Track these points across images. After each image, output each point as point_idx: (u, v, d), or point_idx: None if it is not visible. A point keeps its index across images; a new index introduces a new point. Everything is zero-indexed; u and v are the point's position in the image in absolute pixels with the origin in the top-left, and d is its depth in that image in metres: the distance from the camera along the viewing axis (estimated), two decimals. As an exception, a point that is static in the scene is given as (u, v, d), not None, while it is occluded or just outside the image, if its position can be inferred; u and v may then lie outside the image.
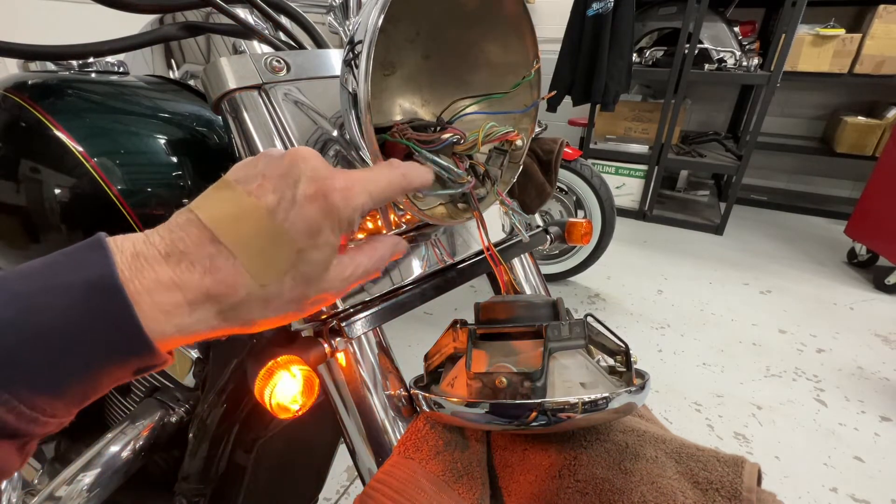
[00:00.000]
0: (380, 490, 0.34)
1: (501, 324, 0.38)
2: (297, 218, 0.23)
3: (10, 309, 0.18)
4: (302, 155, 0.24)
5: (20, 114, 0.41)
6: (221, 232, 0.22)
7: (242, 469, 0.53)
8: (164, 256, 0.21)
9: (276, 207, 0.23)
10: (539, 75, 0.40)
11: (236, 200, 0.23)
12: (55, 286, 0.19)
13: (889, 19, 2.40)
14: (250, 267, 0.22)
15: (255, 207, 0.23)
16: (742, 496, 0.31)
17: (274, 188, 0.23)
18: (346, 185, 0.24)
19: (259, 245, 0.22)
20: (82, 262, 0.19)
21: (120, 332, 0.19)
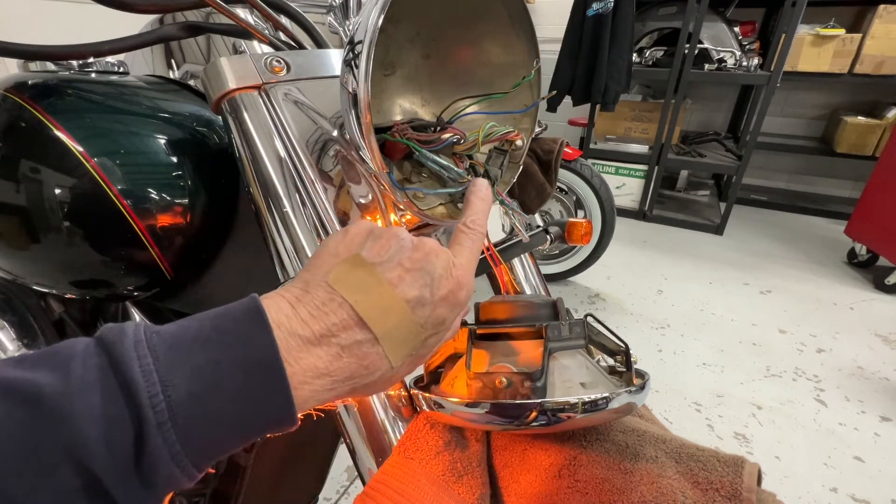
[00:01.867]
0: (380, 490, 0.34)
1: (501, 324, 0.38)
2: (432, 315, 0.26)
3: (194, 383, 0.20)
4: (434, 249, 0.27)
5: (20, 114, 0.41)
6: (373, 323, 0.24)
7: (242, 469, 0.53)
8: (317, 339, 0.23)
9: (417, 305, 0.25)
10: (539, 75, 0.40)
11: (380, 290, 0.25)
12: (227, 360, 0.20)
13: (889, 19, 2.39)
14: (390, 353, 0.25)
15: (400, 302, 0.25)
16: (742, 496, 0.31)
17: (412, 282, 0.25)
18: (468, 280, 0.28)
19: (400, 335, 0.25)
20: (248, 336, 0.21)
21: (276, 410, 0.21)
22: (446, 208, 0.40)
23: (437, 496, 0.34)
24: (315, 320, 0.23)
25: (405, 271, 0.26)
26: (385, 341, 0.25)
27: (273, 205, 0.39)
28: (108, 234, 0.42)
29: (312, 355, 0.23)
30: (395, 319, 0.25)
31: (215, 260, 0.50)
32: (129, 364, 0.19)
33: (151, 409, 0.18)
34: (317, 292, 0.24)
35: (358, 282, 0.25)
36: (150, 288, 0.50)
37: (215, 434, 0.20)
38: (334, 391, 0.24)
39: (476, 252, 0.30)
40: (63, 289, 0.48)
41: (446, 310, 0.26)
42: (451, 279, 0.27)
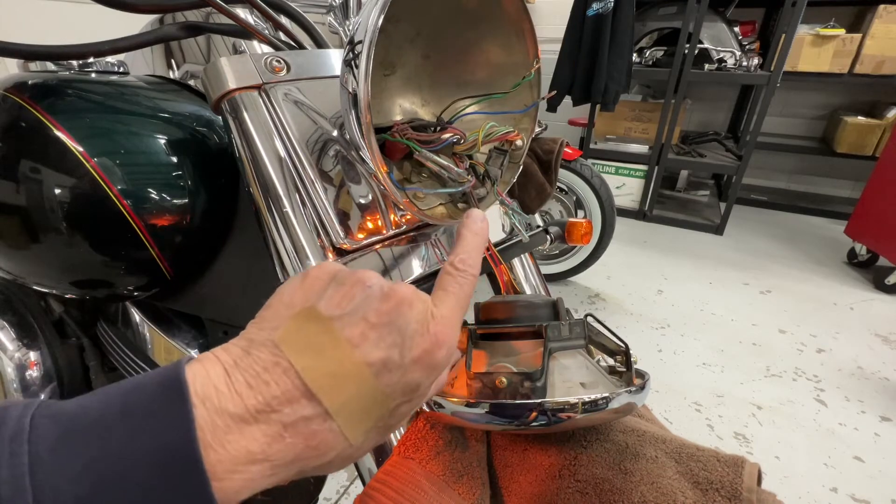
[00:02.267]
0: (380, 490, 0.34)
1: (501, 324, 0.38)
2: (402, 380, 0.21)
3: (83, 484, 0.16)
4: (407, 299, 0.22)
5: (20, 114, 0.41)
6: (324, 394, 0.20)
7: (242, 469, 0.53)
8: (253, 416, 0.19)
9: (383, 370, 0.21)
10: (539, 75, 0.40)
11: (336, 352, 0.20)
12: (129, 454, 0.17)
13: (889, 19, 2.39)
14: (347, 430, 0.20)
15: (360, 366, 0.20)
16: (742, 496, 0.31)
17: (377, 341, 0.21)
18: (449, 337, 0.23)
19: (359, 407, 0.21)
20: (160, 420, 0.18)
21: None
22: (446, 208, 0.40)
23: (437, 496, 0.34)
24: (252, 392, 0.19)
25: (370, 327, 0.21)
26: (340, 416, 0.20)
27: (273, 205, 0.39)
28: (108, 234, 0.42)
29: (245, 437, 0.18)
30: (352, 389, 0.20)
31: (215, 260, 0.50)
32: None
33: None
34: (259, 354, 0.20)
35: (310, 341, 0.20)
36: (149, 288, 0.50)
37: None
38: (276, 476, 0.20)
39: (464, 300, 0.25)
40: (63, 289, 0.48)
41: (420, 374, 0.22)
42: (428, 336, 0.22)
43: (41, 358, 0.62)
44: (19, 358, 0.61)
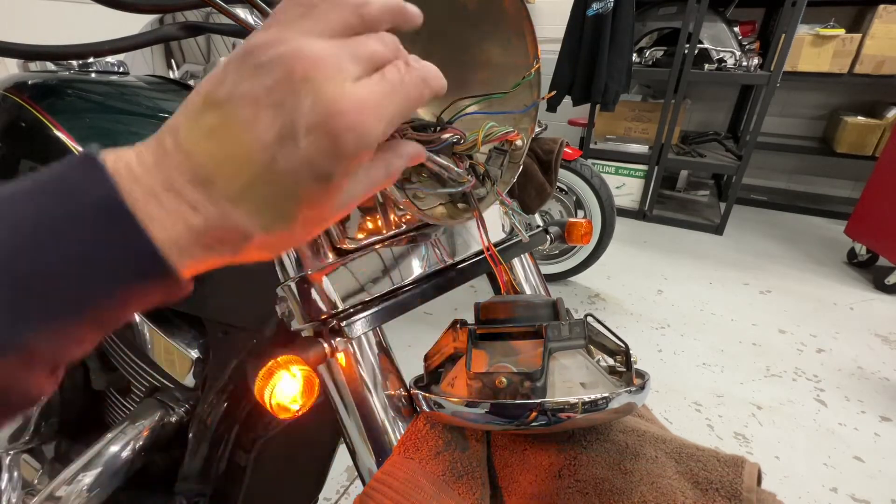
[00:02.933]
0: (380, 490, 0.34)
1: (501, 324, 0.38)
2: (303, 168, 0.20)
3: (18, 236, 0.17)
4: (308, 62, 0.19)
5: (20, 114, 0.41)
6: (219, 176, 0.20)
7: (242, 469, 0.53)
8: (163, 189, 0.19)
9: (277, 153, 0.19)
10: (539, 75, 0.40)
11: (228, 134, 0.19)
12: (60, 211, 0.18)
13: (889, 19, 2.40)
14: (257, 216, 0.21)
15: (253, 150, 0.19)
16: (742, 496, 0.31)
17: (271, 120, 0.19)
18: (357, 116, 0.19)
19: (262, 194, 0.20)
20: (81, 183, 0.18)
21: (137, 255, 0.19)
22: (446, 208, 0.40)
23: (437, 496, 0.34)
24: (157, 169, 0.19)
25: (260, 105, 0.19)
26: (244, 202, 0.20)
27: (273, 205, 0.39)
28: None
29: (163, 206, 0.19)
30: (248, 175, 0.20)
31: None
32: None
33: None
34: (165, 138, 0.20)
35: (205, 126, 0.20)
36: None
37: (66, 296, 0.17)
38: (208, 247, 0.20)
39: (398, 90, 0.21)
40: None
41: (322, 158, 0.20)
42: (325, 112, 0.19)
43: (41, 358, 0.62)
44: (19, 358, 0.61)
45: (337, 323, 0.37)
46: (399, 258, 0.42)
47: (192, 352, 0.53)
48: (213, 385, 0.50)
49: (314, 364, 0.35)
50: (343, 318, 0.37)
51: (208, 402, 0.50)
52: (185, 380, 0.54)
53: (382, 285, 0.41)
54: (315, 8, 0.20)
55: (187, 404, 0.54)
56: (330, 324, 0.37)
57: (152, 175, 0.19)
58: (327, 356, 0.36)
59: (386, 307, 0.40)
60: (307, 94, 0.19)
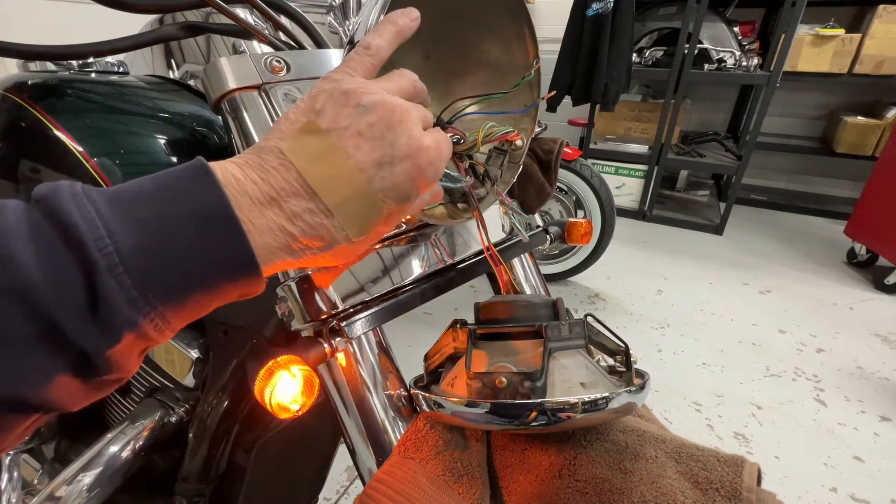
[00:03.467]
0: (380, 490, 0.34)
1: (501, 324, 0.38)
2: (392, 189, 0.25)
3: (141, 235, 0.19)
4: (400, 110, 0.25)
5: (20, 114, 0.41)
6: (324, 193, 0.23)
7: (242, 469, 0.53)
8: (268, 201, 0.23)
9: (375, 174, 0.24)
10: (539, 75, 0.40)
11: (333, 158, 0.24)
12: (175, 214, 0.20)
13: (888, 19, 2.40)
14: (347, 226, 0.24)
15: (354, 171, 0.24)
16: (742, 496, 0.31)
17: (369, 151, 0.24)
18: (437, 153, 0.26)
19: (355, 208, 0.24)
20: (194, 191, 0.21)
21: (236, 258, 0.21)
22: (446, 208, 0.40)
23: (437, 496, 0.34)
24: (264, 183, 0.23)
25: (362, 138, 0.24)
26: (339, 214, 0.24)
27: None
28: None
29: (264, 216, 0.22)
30: (347, 190, 0.24)
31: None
32: (68, 212, 0.18)
33: (98, 251, 0.18)
34: (268, 157, 0.23)
35: (310, 149, 0.24)
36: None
37: (174, 286, 0.20)
38: (296, 252, 0.24)
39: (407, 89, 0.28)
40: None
41: (410, 185, 0.25)
42: (415, 149, 0.25)
43: (41, 358, 0.62)
44: (19, 358, 0.61)
45: (337, 323, 0.37)
46: (399, 258, 0.42)
47: (192, 352, 0.53)
48: (214, 385, 0.50)
49: (314, 364, 0.35)
50: (343, 318, 0.37)
51: (208, 402, 0.50)
52: (185, 380, 0.54)
53: (382, 285, 0.41)
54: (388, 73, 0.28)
55: (187, 404, 0.54)
56: (330, 324, 0.37)
57: (259, 188, 0.23)
58: (327, 356, 0.36)
59: (386, 307, 0.40)
60: (402, 133, 0.25)
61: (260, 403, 0.33)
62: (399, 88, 0.27)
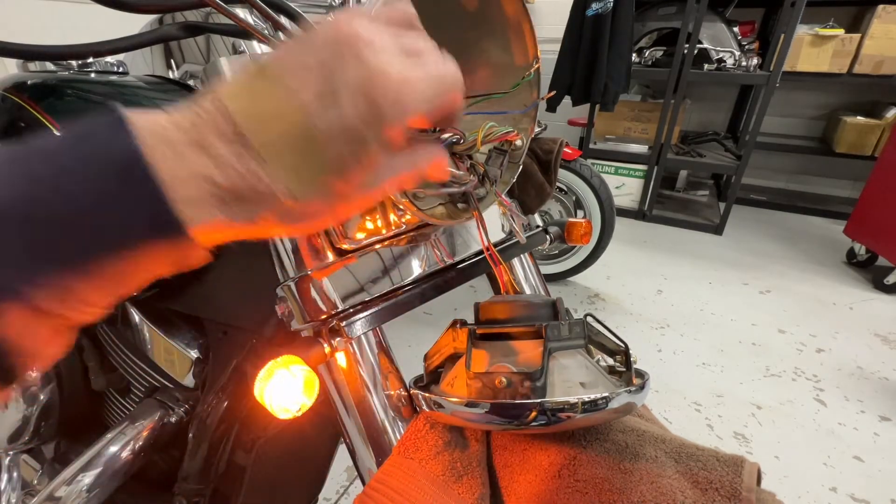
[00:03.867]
0: (380, 490, 0.34)
1: (501, 324, 0.38)
2: (339, 131, 0.20)
3: (38, 186, 0.17)
4: (349, 32, 0.20)
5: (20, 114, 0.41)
6: (251, 133, 0.20)
7: (242, 469, 0.53)
8: (191, 146, 0.19)
9: (315, 110, 0.20)
10: (539, 75, 0.40)
11: (272, 97, 0.20)
12: (81, 167, 0.18)
13: (888, 19, 2.40)
14: (285, 177, 0.20)
15: (290, 107, 0.20)
16: (742, 496, 0.31)
17: (314, 82, 0.20)
18: (402, 85, 0.20)
19: (291, 152, 0.20)
20: (105, 141, 0.18)
21: (149, 213, 0.18)
22: (446, 208, 0.40)
23: (437, 496, 0.34)
24: (192, 128, 0.20)
25: (309, 73, 0.20)
26: (269, 156, 0.20)
27: (273, 205, 0.39)
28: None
29: (186, 164, 0.19)
30: (280, 127, 0.20)
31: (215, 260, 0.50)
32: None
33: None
34: (202, 102, 0.20)
35: (249, 89, 0.21)
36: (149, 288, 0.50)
37: (72, 249, 0.18)
38: (227, 210, 0.20)
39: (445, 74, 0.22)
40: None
41: (358, 121, 0.20)
42: (367, 75, 0.20)
43: (41, 358, 0.62)
44: (19, 358, 0.61)
45: (337, 323, 0.37)
46: (399, 258, 0.42)
47: (192, 352, 0.53)
48: (213, 385, 0.50)
49: (314, 364, 0.35)
50: (343, 318, 0.37)
51: (208, 402, 0.50)
52: (184, 380, 0.54)
53: (382, 285, 0.41)
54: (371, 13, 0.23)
55: (187, 404, 0.54)
56: (330, 324, 0.37)
57: (183, 134, 0.19)
58: (327, 356, 0.36)
59: (386, 307, 0.40)
60: (355, 64, 0.20)
61: (260, 403, 0.33)
62: (381, 19, 0.23)
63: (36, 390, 0.61)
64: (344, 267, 0.39)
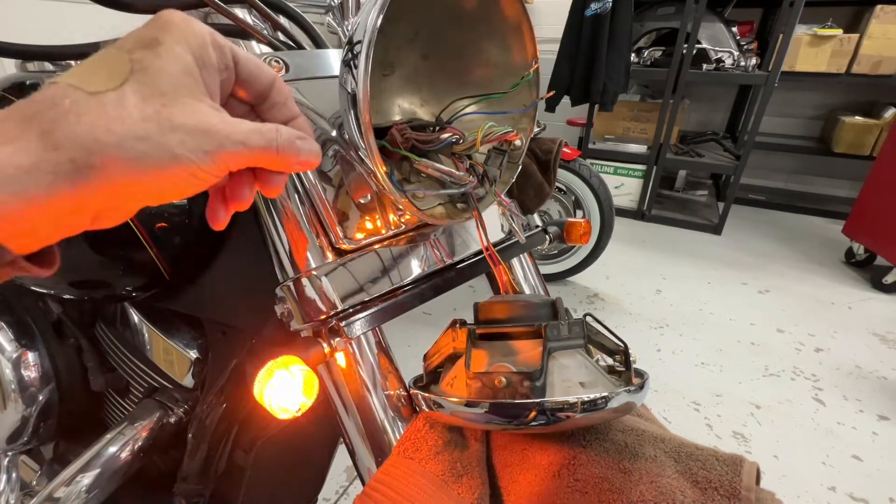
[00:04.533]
0: (379, 490, 0.34)
1: (501, 324, 0.38)
2: (127, 38, 0.21)
3: None
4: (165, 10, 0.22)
5: (18, 114, 0.41)
6: (61, 77, 0.19)
7: (241, 469, 0.53)
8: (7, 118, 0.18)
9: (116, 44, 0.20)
10: (538, 75, 0.40)
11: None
12: None
13: (886, 19, 2.40)
14: (73, 80, 0.19)
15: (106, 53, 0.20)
16: (741, 495, 0.31)
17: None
18: (186, 16, 0.22)
19: (84, 65, 0.20)
20: None
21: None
22: (445, 208, 0.40)
23: (437, 496, 0.34)
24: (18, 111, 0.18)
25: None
26: (68, 77, 0.19)
27: (272, 205, 0.39)
28: (106, 235, 0.42)
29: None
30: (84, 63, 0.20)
31: (214, 260, 0.50)
32: None
33: None
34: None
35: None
36: (148, 289, 0.50)
37: None
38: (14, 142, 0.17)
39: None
40: (61, 290, 0.48)
41: (151, 29, 0.21)
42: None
43: (39, 359, 0.62)
44: (17, 358, 0.61)
45: (336, 323, 0.37)
46: (398, 258, 0.42)
47: (191, 352, 0.53)
48: (213, 385, 0.50)
49: (314, 364, 0.35)
50: (342, 319, 0.37)
51: (207, 402, 0.50)
52: (183, 380, 0.54)
53: (381, 285, 0.41)
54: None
55: (186, 405, 0.54)
56: (329, 324, 0.37)
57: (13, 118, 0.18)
58: (326, 356, 0.36)
59: (385, 307, 0.40)
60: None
61: (259, 404, 0.33)
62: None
63: (35, 391, 0.61)
64: (343, 267, 0.39)
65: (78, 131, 0.18)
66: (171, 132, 0.20)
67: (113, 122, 0.19)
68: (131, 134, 0.19)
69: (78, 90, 0.18)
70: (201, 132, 0.20)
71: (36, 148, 0.17)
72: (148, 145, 0.19)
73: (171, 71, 0.20)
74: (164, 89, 0.20)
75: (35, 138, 0.17)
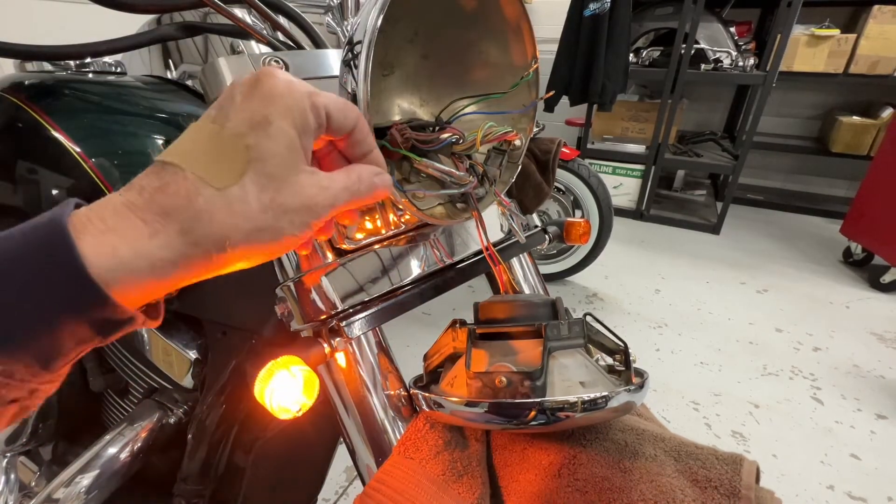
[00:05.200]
0: (379, 490, 0.34)
1: (501, 323, 0.38)
2: (235, 114, 0.22)
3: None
4: (264, 72, 0.23)
5: (17, 114, 0.41)
6: (169, 155, 0.21)
7: (241, 470, 0.53)
8: (124, 193, 0.21)
9: (217, 115, 0.22)
10: (537, 75, 0.40)
11: (192, 129, 0.22)
12: (12, 254, 0.18)
13: (883, 20, 2.41)
14: (200, 171, 0.21)
15: (200, 126, 0.22)
16: (741, 494, 0.31)
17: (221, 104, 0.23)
18: (285, 76, 0.23)
19: (203, 149, 0.22)
20: (37, 222, 0.19)
21: (63, 274, 0.18)
22: (445, 208, 0.40)
23: (437, 496, 0.34)
24: (129, 189, 0.21)
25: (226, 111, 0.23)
26: (188, 162, 0.21)
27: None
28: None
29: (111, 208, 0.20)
30: (193, 138, 0.22)
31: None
32: None
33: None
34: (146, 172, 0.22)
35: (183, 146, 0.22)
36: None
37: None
38: (155, 240, 0.20)
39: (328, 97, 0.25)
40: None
41: (255, 103, 0.22)
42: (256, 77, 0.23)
43: (38, 359, 0.62)
44: (16, 360, 0.61)
45: (336, 323, 0.37)
46: (398, 258, 0.42)
47: (191, 353, 0.53)
48: (212, 386, 0.50)
49: (314, 364, 0.35)
50: (342, 319, 0.37)
51: (207, 403, 0.50)
52: (183, 381, 0.53)
53: (381, 285, 0.41)
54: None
55: (186, 405, 0.54)
56: (329, 324, 0.37)
57: (124, 195, 0.21)
58: (327, 356, 0.36)
59: (385, 307, 0.40)
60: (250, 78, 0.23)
61: (259, 404, 0.33)
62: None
63: (33, 392, 0.61)
64: (343, 267, 0.39)
65: (211, 231, 0.21)
66: (283, 216, 0.23)
67: (238, 218, 0.22)
68: (254, 227, 0.22)
69: (207, 186, 0.21)
70: (305, 209, 0.23)
71: (177, 244, 0.20)
72: (266, 233, 0.22)
73: (279, 151, 0.23)
74: (275, 171, 0.22)
75: (175, 235, 0.20)
